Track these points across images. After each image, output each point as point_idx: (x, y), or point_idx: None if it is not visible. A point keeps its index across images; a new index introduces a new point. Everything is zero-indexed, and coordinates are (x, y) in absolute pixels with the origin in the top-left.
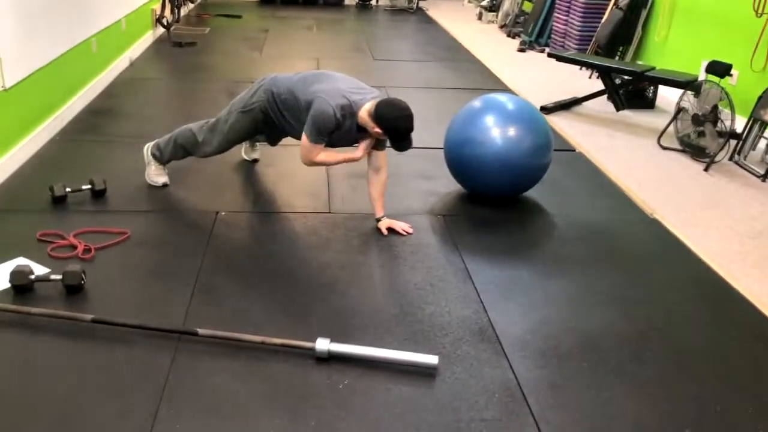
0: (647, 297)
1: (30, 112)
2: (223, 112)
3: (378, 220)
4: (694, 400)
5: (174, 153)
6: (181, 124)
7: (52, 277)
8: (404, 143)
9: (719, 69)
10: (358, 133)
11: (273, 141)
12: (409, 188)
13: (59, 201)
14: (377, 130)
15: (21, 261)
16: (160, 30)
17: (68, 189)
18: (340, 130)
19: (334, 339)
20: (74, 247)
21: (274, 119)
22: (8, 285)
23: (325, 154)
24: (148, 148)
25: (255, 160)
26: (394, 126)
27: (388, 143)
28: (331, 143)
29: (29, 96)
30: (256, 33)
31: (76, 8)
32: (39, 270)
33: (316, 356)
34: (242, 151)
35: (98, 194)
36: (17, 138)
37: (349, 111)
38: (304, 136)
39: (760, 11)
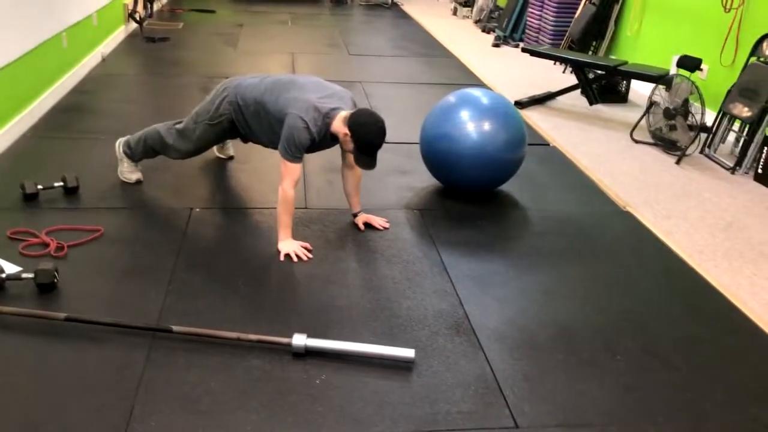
0: (620, 288)
1: None
2: (189, 120)
3: (354, 215)
4: (666, 388)
5: (145, 153)
6: (154, 120)
7: (24, 275)
8: (370, 160)
9: (689, 63)
10: (332, 141)
11: (245, 140)
12: (385, 183)
13: (30, 198)
14: (349, 140)
15: None
16: (133, 25)
17: (40, 186)
18: (315, 142)
19: (311, 334)
20: (46, 245)
21: (242, 129)
22: None
23: (290, 203)
24: (119, 145)
25: (231, 157)
26: (367, 135)
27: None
28: (308, 151)
29: None
30: (230, 28)
31: (46, 2)
32: (10, 268)
33: (293, 352)
34: (215, 149)
35: (70, 191)
36: None
37: (324, 122)
38: (282, 160)
39: (728, 6)
